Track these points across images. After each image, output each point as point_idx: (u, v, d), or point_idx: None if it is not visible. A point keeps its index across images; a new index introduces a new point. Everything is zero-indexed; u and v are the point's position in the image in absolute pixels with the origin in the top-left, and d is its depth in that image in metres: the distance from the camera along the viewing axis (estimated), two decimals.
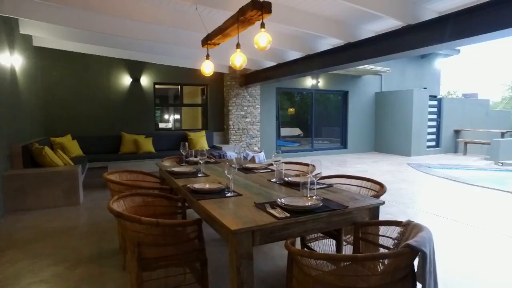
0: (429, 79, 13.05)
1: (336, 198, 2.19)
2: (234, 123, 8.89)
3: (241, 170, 3.43)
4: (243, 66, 2.80)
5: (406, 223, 1.80)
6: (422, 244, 1.42)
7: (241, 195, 2.33)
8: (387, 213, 4.51)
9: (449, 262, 3.05)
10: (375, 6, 3.90)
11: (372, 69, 10.20)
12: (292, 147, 11.02)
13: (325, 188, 2.55)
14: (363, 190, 3.02)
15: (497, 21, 3.34)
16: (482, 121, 12.38)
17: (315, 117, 10.96)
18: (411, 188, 6.06)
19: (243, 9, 2.49)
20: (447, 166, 8.67)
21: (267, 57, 6.91)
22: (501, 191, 5.76)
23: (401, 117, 10.77)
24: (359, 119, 11.43)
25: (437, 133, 11.59)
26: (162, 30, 5.47)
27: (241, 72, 8.72)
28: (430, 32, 4.00)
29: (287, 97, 11.37)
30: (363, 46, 4.97)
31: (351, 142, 11.30)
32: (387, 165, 8.70)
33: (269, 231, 1.75)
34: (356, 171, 7.72)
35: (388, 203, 5.02)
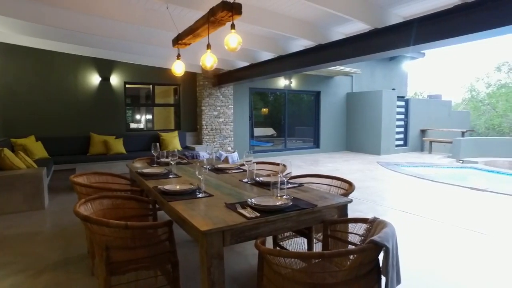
0: (397, 81, 13.56)
1: (306, 197, 2.24)
2: (207, 123, 8.83)
3: (213, 171, 3.42)
4: (213, 66, 2.79)
5: (372, 220, 1.87)
6: (385, 239, 1.48)
7: (212, 196, 2.33)
8: (357, 211, 4.65)
9: (414, 254, 3.19)
10: (343, 10, 4.01)
11: (343, 70, 10.46)
12: (266, 147, 11.09)
13: (295, 187, 2.60)
14: (333, 188, 3.10)
15: (455, 28, 3.53)
16: (445, 121, 13.01)
17: (288, 117, 11.09)
18: (380, 186, 6.28)
19: (213, 10, 2.49)
20: (414, 164, 9.05)
21: (240, 57, 6.92)
22: (462, 187, 6.09)
23: (371, 117, 11.13)
24: (331, 119, 11.69)
25: (404, 133, 12.06)
26: (132, 29, 5.34)
27: (214, 72, 8.68)
28: (396, 36, 4.16)
29: (261, 97, 11.43)
30: (334, 48, 5.10)
31: (323, 142, 11.54)
32: (358, 164, 8.96)
33: (239, 231, 1.77)
34: (328, 170, 7.89)
35: (359, 200, 5.18)
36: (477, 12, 3.32)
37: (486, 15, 3.26)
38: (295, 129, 11.93)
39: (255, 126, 11.16)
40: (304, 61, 5.72)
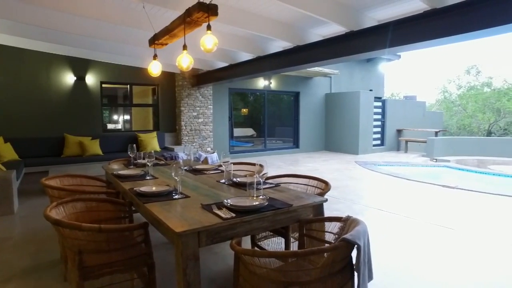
0: (375, 82, 13.89)
1: (282, 197, 2.27)
2: (186, 123, 8.75)
3: (191, 172, 3.40)
4: (190, 67, 2.78)
5: (345, 218, 1.91)
6: (357, 237, 1.52)
7: (188, 197, 2.32)
8: (335, 209, 4.74)
9: (388, 251, 3.28)
10: (320, 12, 4.08)
11: (322, 71, 10.61)
12: (245, 147, 11.11)
13: (272, 187, 2.62)
14: (310, 188, 3.14)
15: (425, 32, 3.67)
16: (420, 121, 13.43)
17: (268, 117, 11.15)
18: (358, 185, 6.41)
19: (189, 10, 2.48)
20: (390, 163, 9.30)
21: (219, 57, 6.90)
22: (434, 185, 6.31)
23: (349, 118, 11.35)
24: (310, 119, 11.84)
25: (381, 133, 12.37)
26: (107, 27, 5.23)
27: (193, 72, 8.62)
28: (371, 38, 4.27)
29: (240, 98, 11.44)
30: (311, 49, 5.17)
31: (303, 142, 11.67)
32: (336, 163, 9.12)
33: (215, 231, 1.77)
34: (307, 170, 7.99)
35: (336, 199, 5.27)
36: (445, 18, 3.46)
37: (452, 21, 3.40)
38: (276, 129, 12.01)
39: (235, 127, 11.16)
40: (282, 62, 5.77)
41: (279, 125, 11.98)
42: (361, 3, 4.17)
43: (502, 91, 18.10)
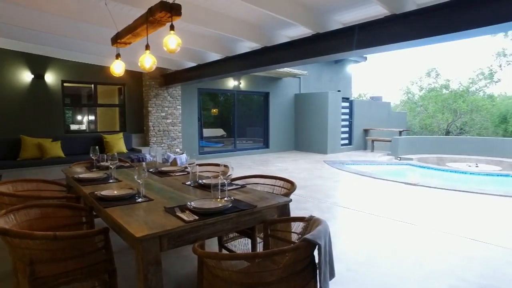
0: (343, 83, 14.26)
1: (247, 198, 2.27)
2: (154, 124, 8.56)
3: (156, 174, 3.33)
4: (153, 68, 2.71)
5: (308, 218, 1.94)
6: (318, 237, 1.55)
7: (152, 200, 2.26)
8: (303, 208, 4.81)
9: (353, 248, 3.37)
10: (285, 14, 4.13)
11: (291, 71, 10.74)
12: (215, 148, 11.02)
13: (238, 189, 2.62)
14: (276, 188, 3.17)
15: (389, 36, 3.81)
16: (385, 121, 13.94)
17: (238, 118, 11.14)
18: (326, 183, 6.55)
19: (152, 9, 2.42)
20: (358, 162, 9.58)
21: (187, 57, 6.81)
22: (398, 182, 6.57)
23: (318, 118, 11.57)
24: (280, 120, 11.96)
25: (349, 132, 12.72)
26: (67, 23, 4.99)
27: (160, 72, 8.44)
28: (337, 40, 4.37)
29: (211, 98, 11.35)
30: (279, 50, 5.21)
31: (273, 142, 11.76)
32: (306, 163, 9.26)
33: (177, 235, 1.74)
34: (277, 170, 8.06)
35: (305, 199, 5.35)
36: (404, 23, 3.61)
37: (411, 26, 3.55)
38: (246, 129, 12.02)
39: (205, 127, 11.05)
40: (250, 62, 5.78)
41: (249, 125, 12.01)
42: (326, 6, 4.26)
43: (458, 93, 19.19)
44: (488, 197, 5.46)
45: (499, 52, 15.23)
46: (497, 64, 15.69)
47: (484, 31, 3.25)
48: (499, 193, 5.68)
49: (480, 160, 10.53)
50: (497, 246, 3.44)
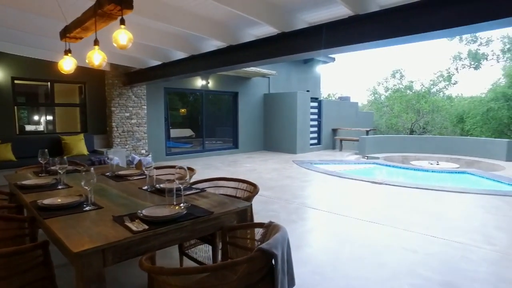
0: (312, 83, 14.41)
1: (205, 204, 2.15)
2: (118, 125, 8.19)
3: (113, 178, 3.13)
4: (102, 65, 2.52)
5: (267, 224, 1.85)
6: (274, 246, 1.46)
7: (101, 208, 2.09)
8: (271, 210, 4.74)
9: (319, 248, 3.34)
10: (251, 12, 4.03)
11: (260, 71, 10.69)
12: (184, 149, 10.75)
13: (197, 193, 2.48)
14: (239, 191, 3.07)
15: (353, 36, 3.81)
16: (353, 120, 14.25)
17: (207, 117, 10.93)
18: (294, 184, 6.53)
19: (100, 1, 2.23)
20: (326, 161, 9.68)
21: (152, 55, 6.55)
22: (364, 181, 6.67)
23: (287, 117, 11.60)
24: (249, 120, 11.88)
25: (318, 132, 12.87)
26: (16, 14, 4.60)
27: (124, 70, 8.09)
28: (303, 40, 4.34)
29: (180, 98, 11.08)
30: (245, 49, 5.11)
31: (242, 142, 11.66)
32: (275, 163, 9.24)
33: (123, 247, 1.59)
34: (246, 171, 7.96)
35: (272, 200, 5.29)
36: (367, 24, 3.63)
37: (374, 27, 3.57)
38: (215, 130, 11.84)
39: (173, 127, 10.77)
40: (216, 61, 5.64)
41: (218, 125, 11.84)
42: (292, 5, 4.21)
43: (420, 94, 20.04)
44: (446, 194, 5.66)
45: (455, 56, 16.10)
46: (454, 67, 16.58)
47: (438, 35, 3.32)
48: (457, 190, 5.91)
49: (441, 158, 11.00)
50: (453, 242, 3.53)
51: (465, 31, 3.51)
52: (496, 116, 14.68)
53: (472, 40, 15.11)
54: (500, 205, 5.02)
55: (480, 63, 15.42)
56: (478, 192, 5.77)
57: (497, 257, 3.21)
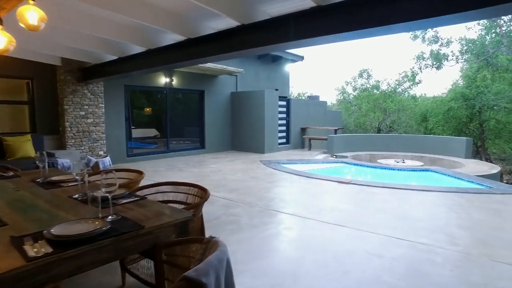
0: (280, 82, 14.26)
1: (139, 215, 1.82)
2: (72, 124, 7.58)
3: (43, 185, 2.71)
4: (9, 50, 2.12)
5: (207, 240, 1.56)
6: (204, 273, 1.17)
7: (5, 225, 1.70)
8: (232, 214, 4.45)
9: (281, 257, 3.09)
10: (208, 2, 3.73)
11: (226, 69, 10.37)
12: (147, 149, 10.21)
13: (134, 201, 2.14)
14: (190, 197, 2.77)
15: (316, 28, 3.60)
16: (322, 119, 14.26)
17: (170, 117, 10.44)
18: (260, 185, 6.28)
19: None
20: (294, 161, 9.53)
21: (106, 49, 6.07)
22: (331, 181, 6.54)
23: (255, 116, 11.35)
24: (217, 119, 11.52)
25: (287, 131, 12.73)
26: None
27: (78, 66, 7.49)
28: (264, 33, 4.09)
29: (146, 96, 10.54)
30: (205, 43, 4.79)
31: (209, 142, 11.29)
32: (241, 163, 8.96)
33: (13, 280, 1.24)
34: (210, 172, 7.63)
35: (235, 203, 5.00)
36: (332, 15, 3.43)
37: (338, 19, 3.38)
38: (182, 129, 11.39)
39: (138, 127, 10.23)
40: (175, 56, 5.28)
41: (184, 125, 11.39)
42: None
43: (387, 94, 20.54)
44: (411, 193, 5.62)
45: (418, 56, 16.54)
46: (417, 67, 17.06)
47: (404, 27, 3.19)
48: (421, 188, 5.91)
49: (406, 156, 11.19)
50: (419, 243, 3.41)
51: (431, 24, 3.41)
52: (456, 115, 15.24)
53: (434, 40, 15.56)
54: (461, 203, 5.03)
55: (442, 63, 15.93)
56: (441, 190, 5.79)
57: (461, 258, 3.12)
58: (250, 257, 3.10)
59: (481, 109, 14.65)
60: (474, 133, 15.27)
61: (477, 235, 3.73)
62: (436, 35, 15.52)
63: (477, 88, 14.54)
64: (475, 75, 15.07)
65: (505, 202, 5.08)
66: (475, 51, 14.72)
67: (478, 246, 3.40)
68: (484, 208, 4.75)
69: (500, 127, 14.65)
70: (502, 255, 3.17)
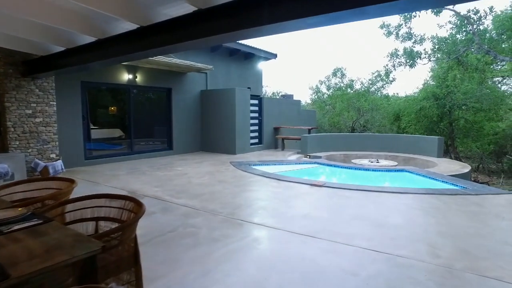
0: (253, 80, 13.81)
1: (18, 253, 1.27)
2: (16, 124, 6.75)
3: None
4: None
5: None
6: None
7: None
8: (192, 226, 3.93)
9: (239, 277, 2.61)
10: None
11: (194, 65, 9.79)
12: (109, 151, 9.44)
13: (32, 227, 1.59)
14: (125, 212, 2.23)
15: (288, 12, 3.15)
16: (295, 119, 13.92)
17: (135, 116, 9.71)
18: (226, 190, 5.77)
19: None
20: (266, 162, 9.09)
21: (51, 39, 5.36)
22: (305, 184, 6.13)
23: (226, 116, 10.82)
24: (185, 118, 10.90)
25: (259, 131, 12.28)
26: None
27: (22, 58, 6.68)
28: (221, 20, 3.60)
29: (110, 94, 9.74)
30: (160, 32, 4.23)
31: (177, 143, 10.64)
32: (210, 165, 8.41)
33: None
34: (175, 175, 7.04)
35: (197, 211, 4.48)
36: None
37: (300, 3, 2.95)
38: (151, 129, 10.68)
39: (101, 127, 9.47)
40: (128, 46, 4.68)
41: (151, 125, 10.68)
42: None
43: (360, 93, 20.56)
44: (387, 196, 5.32)
45: (392, 53, 16.41)
46: (391, 64, 16.93)
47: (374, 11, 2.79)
48: (397, 190, 5.62)
49: (380, 156, 11.05)
50: (397, 256, 3.04)
51: (404, 6, 3.05)
52: (427, 114, 15.36)
53: (407, 37, 15.47)
54: (438, 206, 4.76)
55: (415, 61, 15.90)
56: (417, 192, 5.52)
57: (444, 273, 2.76)
58: (203, 280, 2.60)
59: (451, 109, 14.84)
60: (444, 132, 15.47)
61: (458, 244, 3.40)
62: (410, 32, 15.37)
63: (447, 87, 14.71)
64: (445, 75, 15.25)
65: (481, 204, 4.85)
66: (446, 50, 14.77)
67: (461, 257, 3.07)
68: (462, 212, 4.49)
69: (469, 126, 14.90)
70: (486, 267, 2.85)
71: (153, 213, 4.34)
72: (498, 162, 16.85)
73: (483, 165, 15.39)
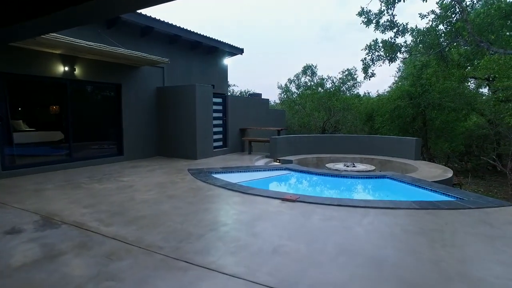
0: (217, 77, 12.58)
1: None
2: None
3: None
4: None
5: None
6: None
7: None
8: (110, 276, 2.71)
9: None
10: None
11: (147, 57, 8.39)
12: (41, 158, 7.80)
13: None
14: None
15: None
16: (263, 119, 12.84)
17: (73, 116, 8.12)
18: (176, 210, 4.53)
19: None
20: (230, 169, 7.89)
21: None
22: (275, 199, 5.01)
23: (185, 116, 9.50)
24: (138, 119, 9.45)
25: (224, 133, 11.08)
26: None
27: None
28: None
29: (47, 90, 8.12)
30: None
31: (129, 147, 9.18)
32: (163, 173, 7.10)
33: None
34: (117, 188, 5.68)
35: (127, 247, 3.21)
36: None
37: None
38: (98, 132, 9.13)
39: (38, 129, 8.02)
40: None
41: (98, 126, 9.13)
42: None
43: (331, 92, 19.87)
44: (374, 212, 4.32)
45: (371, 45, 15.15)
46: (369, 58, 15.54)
47: None
48: (385, 205, 4.65)
49: (355, 159, 10.22)
50: None
51: None
52: (402, 115, 14.83)
53: (389, 26, 14.25)
54: (440, 227, 3.81)
55: (395, 55, 14.82)
56: (409, 207, 4.58)
57: None
58: None
59: (425, 108, 14.39)
60: (418, 133, 15.02)
61: None
62: (392, 20, 13.88)
63: (422, 86, 14.20)
64: (419, 73, 14.69)
65: (489, 223, 3.97)
66: (426, 43, 13.73)
67: None
68: (472, 236, 3.56)
69: (442, 127, 14.52)
70: None
71: (62, 254, 3.04)
72: (461, 161, 16.75)
73: (449, 164, 15.12)
